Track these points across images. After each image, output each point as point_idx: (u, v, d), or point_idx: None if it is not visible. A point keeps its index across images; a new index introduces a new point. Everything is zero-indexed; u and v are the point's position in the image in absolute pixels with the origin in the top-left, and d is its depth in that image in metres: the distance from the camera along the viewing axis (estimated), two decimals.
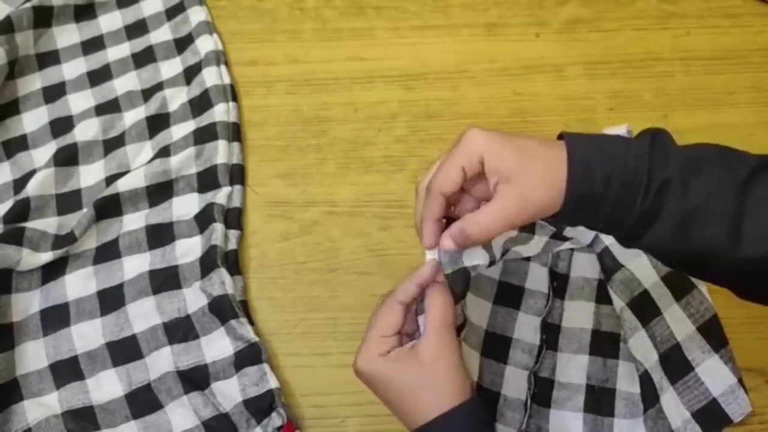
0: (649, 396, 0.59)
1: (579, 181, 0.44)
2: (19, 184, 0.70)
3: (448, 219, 0.49)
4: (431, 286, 0.49)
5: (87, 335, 0.63)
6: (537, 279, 0.64)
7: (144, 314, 0.63)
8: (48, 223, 0.66)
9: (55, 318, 0.63)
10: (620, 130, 0.66)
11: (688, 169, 0.44)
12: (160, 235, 0.67)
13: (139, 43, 0.79)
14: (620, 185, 0.44)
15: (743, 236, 0.43)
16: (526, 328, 0.62)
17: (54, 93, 0.76)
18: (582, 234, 0.63)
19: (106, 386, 0.61)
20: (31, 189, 0.67)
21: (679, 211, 0.43)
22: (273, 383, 0.58)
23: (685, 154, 0.45)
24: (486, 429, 0.48)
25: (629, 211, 0.44)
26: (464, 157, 0.46)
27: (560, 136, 0.47)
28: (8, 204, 0.68)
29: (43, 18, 0.78)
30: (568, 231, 0.63)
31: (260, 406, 0.58)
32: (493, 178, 0.46)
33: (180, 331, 0.62)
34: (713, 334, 0.60)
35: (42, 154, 0.72)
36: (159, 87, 0.76)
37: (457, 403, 0.46)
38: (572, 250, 0.65)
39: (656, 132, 0.46)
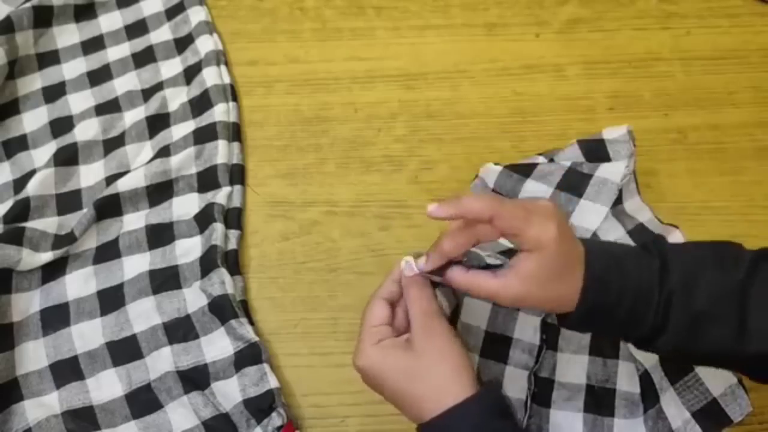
0: (650, 396, 0.59)
1: (593, 297, 0.46)
2: (19, 184, 0.70)
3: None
4: (406, 283, 0.50)
5: (87, 335, 0.63)
6: None
7: (144, 314, 0.63)
8: (48, 223, 0.66)
9: (55, 318, 0.63)
10: (620, 130, 0.66)
11: (687, 277, 0.45)
12: (160, 235, 0.67)
13: (139, 43, 0.79)
14: (633, 302, 0.45)
15: (748, 335, 0.44)
16: (526, 328, 0.62)
17: (54, 93, 0.76)
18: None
19: (106, 386, 0.60)
20: (31, 189, 0.67)
21: (684, 319, 0.45)
22: (273, 383, 0.58)
23: (683, 263, 0.46)
24: (502, 418, 0.47)
25: (641, 326, 0.46)
26: (523, 231, 0.45)
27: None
28: (8, 204, 0.68)
29: (43, 18, 0.78)
30: None
31: (260, 405, 0.58)
32: (517, 263, 0.46)
33: (180, 331, 0.62)
34: None
35: (42, 154, 0.72)
36: (159, 87, 0.76)
37: (457, 388, 0.46)
38: None
39: (659, 243, 0.48)
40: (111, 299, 0.64)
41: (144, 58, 0.78)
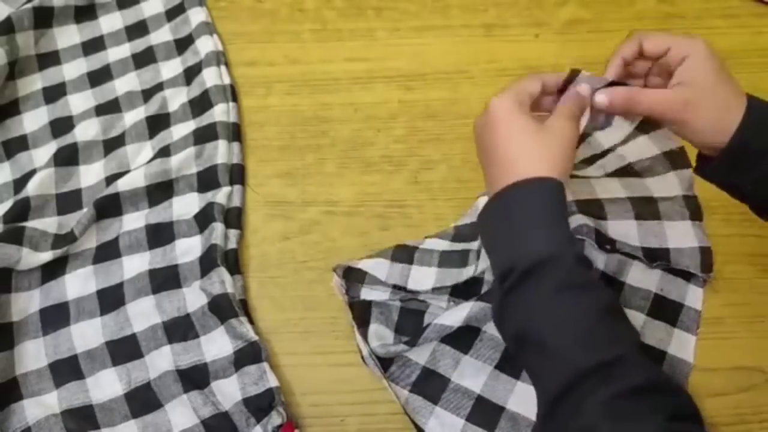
0: None
1: (747, 133, 0.48)
2: (19, 183, 0.70)
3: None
4: (567, 94, 0.53)
5: (87, 334, 0.63)
6: None
7: (144, 313, 0.63)
8: (48, 223, 0.67)
9: (55, 317, 0.63)
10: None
11: None
12: (160, 235, 0.67)
13: (140, 44, 0.79)
14: None
15: None
16: None
17: (54, 93, 0.76)
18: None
19: (106, 385, 0.61)
20: (31, 189, 0.67)
21: None
22: (272, 382, 0.58)
23: None
24: (561, 206, 0.49)
25: None
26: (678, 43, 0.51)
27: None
28: (8, 204, 0.68)
29: (43, 18, 0.78)
30: None
31: (260, 404, 0.58)
32: (677, 78, 0.50)
33: (180, 330, 0.62)
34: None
35: (42, 154, 0.72)
36: (159, 87, 0.76)
37: (547, 168, 0.48)
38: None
39: None
40: (111, 299, 0.64)
41: (144, 58, 0.78)
